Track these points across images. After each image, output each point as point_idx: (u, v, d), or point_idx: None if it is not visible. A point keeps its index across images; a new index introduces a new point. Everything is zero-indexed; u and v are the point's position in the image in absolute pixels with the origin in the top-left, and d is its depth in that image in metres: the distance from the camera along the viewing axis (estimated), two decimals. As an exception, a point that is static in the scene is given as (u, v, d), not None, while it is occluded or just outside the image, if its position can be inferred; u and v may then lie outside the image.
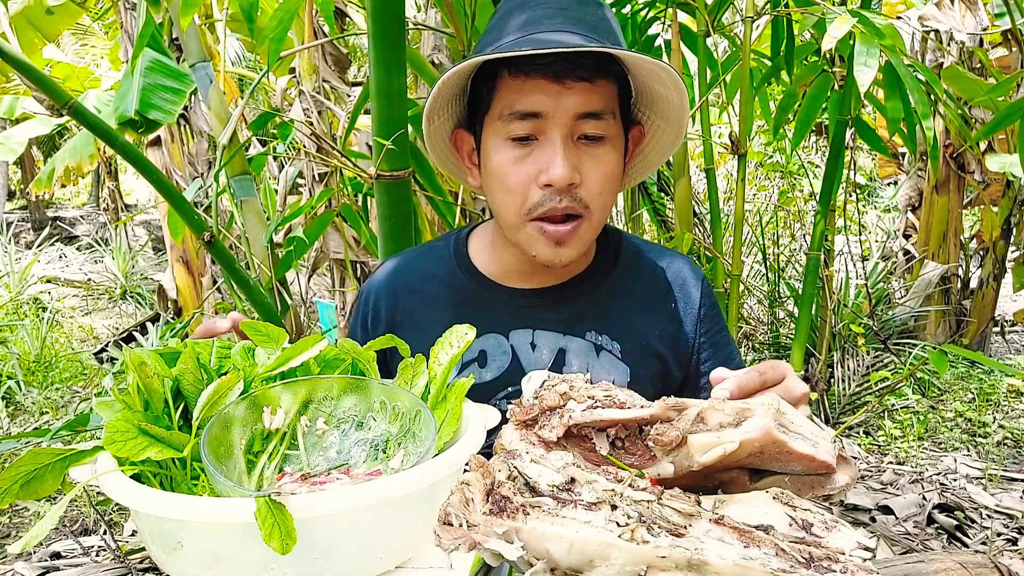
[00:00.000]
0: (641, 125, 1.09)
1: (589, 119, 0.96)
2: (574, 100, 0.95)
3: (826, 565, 0.53)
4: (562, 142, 0.95)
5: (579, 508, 0.57)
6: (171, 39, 2.85)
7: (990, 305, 4.23)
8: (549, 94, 0.94)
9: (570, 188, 0.96)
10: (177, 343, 0.89)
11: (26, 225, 9.36)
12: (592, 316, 1.10)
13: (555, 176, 0.94)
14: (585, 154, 0.98)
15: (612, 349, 1.09)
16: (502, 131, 0.98)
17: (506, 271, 1.13)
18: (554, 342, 1.09)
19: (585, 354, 1.09)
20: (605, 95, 0.97)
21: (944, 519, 2.42)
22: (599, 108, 0.97)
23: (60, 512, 0.66)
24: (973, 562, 0.98)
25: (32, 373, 4.29)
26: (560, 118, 0.95)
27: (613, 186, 1.02)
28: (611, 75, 0.98)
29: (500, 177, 1.00)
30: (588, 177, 0.98)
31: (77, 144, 5.61)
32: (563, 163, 0.94)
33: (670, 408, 0.65)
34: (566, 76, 0.94)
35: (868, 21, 1.82)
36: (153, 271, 7.14)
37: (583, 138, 0.98)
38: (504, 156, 0.99)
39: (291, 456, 0.82)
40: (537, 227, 0.99)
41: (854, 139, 3.64)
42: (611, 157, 1.00)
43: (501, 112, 0.98)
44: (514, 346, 1.10)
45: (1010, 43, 3.64)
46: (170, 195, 1.81)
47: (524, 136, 0.97)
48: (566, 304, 1.11)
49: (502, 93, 0.98)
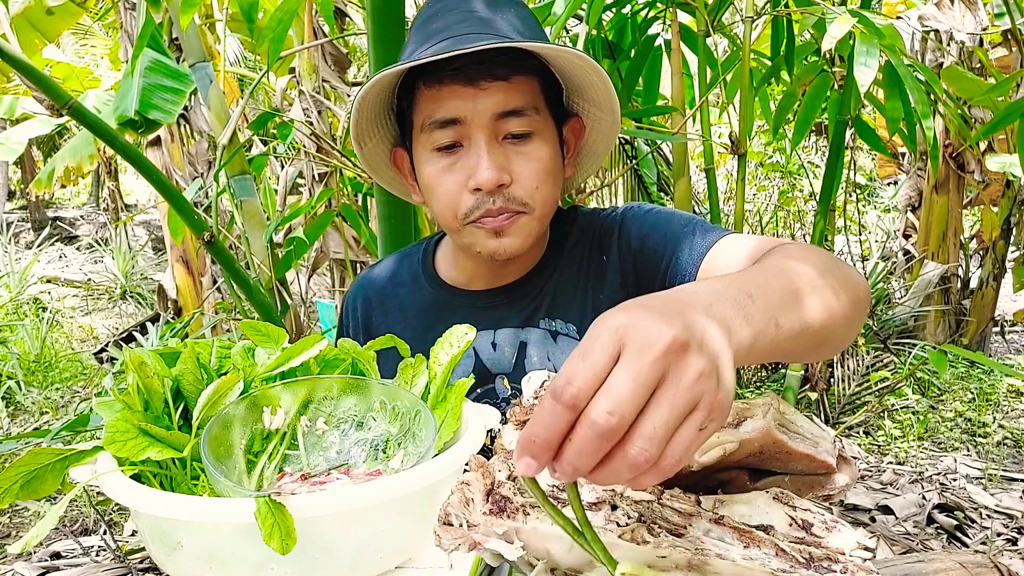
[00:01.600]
0: (578, 117, 1.08)
1: (511, 117, 0.96)
2: (492, 101, 0.94)
3: (826, 565, 0.53)
4: (486, 144, 0.95)
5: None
6: (171, 39, 2.84)
7: (990, 305, 4.23)
8: (465, 98, 0.94)
9: (500, 189, 0.96)
10: (177, 343, 0.89)
11: (26, 225, 9.36)
12: (546, 304, 1.10)
13: (482, 180, 0.94)
14: (513, 152, 0.97)
15: (568, 332, 1.08)
16: (427, 143, 0.99)
17: (468, 276, 1.13)
18: (514, 337, 1.10)
19: (543, 343, 1.09)
20: (524, 91, 0.97)
21: (944, 519, 2.42)
22: (519, 105, 0.96)
23: (60, 512, 0.66)
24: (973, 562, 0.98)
25: (32, 373, 4.29)
26: (480, 120, 0.95)
27: (551, 179, 1.00)
28: (528, 70, 0.98)
29: (432, 188, 1.00)
30: (519, 175, 0.97)
31: (77, 144, 5.61)
32: (489, 165, 0.94)
33: (670, 408, 0.65)
34: (479, 78, 0.94)
35: (868, 21, 1.82)
36: (153, 271, 7.14)
37: (509, 137, 0.97)
38: (433, 167, 0.99)
39: (291, 456, 0.82)
40: (475, 225, 0.99)
41: (854, 139, 3.65)
42: (542, 152, 0.98)
43: (423, 124, 0.98)
44: (476, 348, 1.10)
45: (1010, 43, 3.64)
46: (170, 195, 1.81)
47: (449, 144, 0.97)
48: (524, 299, 1.11)
49: (420, 105, 0.98)
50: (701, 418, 0.47)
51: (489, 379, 1.10)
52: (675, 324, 0.47)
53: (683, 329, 0.47)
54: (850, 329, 0.73)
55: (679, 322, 0.47)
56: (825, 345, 0.70)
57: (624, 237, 1.07)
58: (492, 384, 1.10)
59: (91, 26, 7.33)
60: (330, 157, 2.49)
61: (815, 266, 0.70)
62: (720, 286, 0.58)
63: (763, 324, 0.57)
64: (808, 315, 0.64)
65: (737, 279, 0.61)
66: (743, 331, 0.55)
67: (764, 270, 0.68)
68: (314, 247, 2.84)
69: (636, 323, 0.47)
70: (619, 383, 0.45)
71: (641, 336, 0.46)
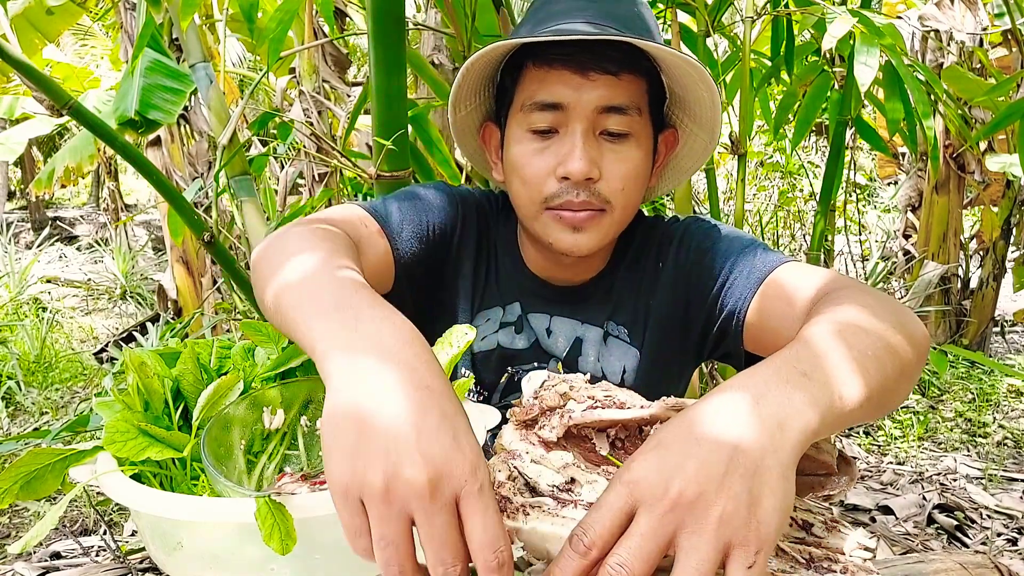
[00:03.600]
0: (675, 128, 1.06)
1: (612, 113, 0.94)
2: (597, 93, 0.92)
3: (826, 565, 0.53)
4: (582, 135, 0.93)
5: (579, 508, 0.57)
6: (171, 39, 2.84)
7: (990, 305, 4.23)
8: (571, 86, 0.92)
9: (588, 183, 0.94)
10: (177, 343, 0.89)
11: (26, 225, 9.36)
12: (608, 309, 1.09)
13: (572, 169, 0.92)
14: (607, 150, 0.95)
15: (619, 334, 1.08)
16: (524, 122, 0.97)
17: (535, 263, 1.11)
18: (571, 331, 1.09)
19: (597, 343, 1.08)
20: (630, 90, 0.95)
21: (944, 519, 2.42)
22: (623, 103, 0.94)
23: (60, 512, 0.66)
24: (973, 562, 0.98)
25: (32, 373, 4.29)
26: (582, 111, 0.93)
27: (637, 184, 0.98)
28: (639, 70, 0.96)
29: (519, 168, 0.98)
30: (608, 173, 0.95)
31: (77, 144, 5.60)
32: (582, 156, 0.92)
33: (670, 408, 0.65)
34: (590, 68, 0.92)
35: (868, 21, 1.82)
36: (153, 271, 7.13)
37: (606, 134, 0.95)
38: (524, 147, 0.97)
39: (291, 456, 0.82)
40: (554, 215, 0.97)
41: (854, 139, 3.64)
42: (635, 155, 0.97)
43: (523, 103, 0.96)
44: (534, 328, 1.09)
45: (1010, 43, 3.64)
46: (170, 195, 1.81)
47: (545, 129, 0.96)
48: (588, 301, 1.10)
49: (525, 83, 0.97)
50: (744, 555, 0.48)
51: (545, 358, 1.09)
52: (688, 469, 0.49)
53: (696, 472, 0.49)
54: (911, 383, 0.70)
55: (693, 466, 0.49)
56: (887, 406, 0.67)
57: (684, 248, 1.06)
58: (547, 364, 1.09)
59: (91, 26, 7.33)
60: (330, 157, 2.49)
61: (880, 321, 0.67)
62: (771, 371, 0.57)
63: (827, 402, 0.56)
64: (873, 382, 0.61)
65: (791, 356, 0.59)
66: (804, 416, 0.54)
67: (823, 337, 0.63)
68: (314, 247, 2.83)
69: (647, 477, 0.50)
70: (630, 537, 0.49)
71: (649, 492, 0.49)
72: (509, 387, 1.09)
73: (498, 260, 1.11)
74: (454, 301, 1.09)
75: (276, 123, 1.98)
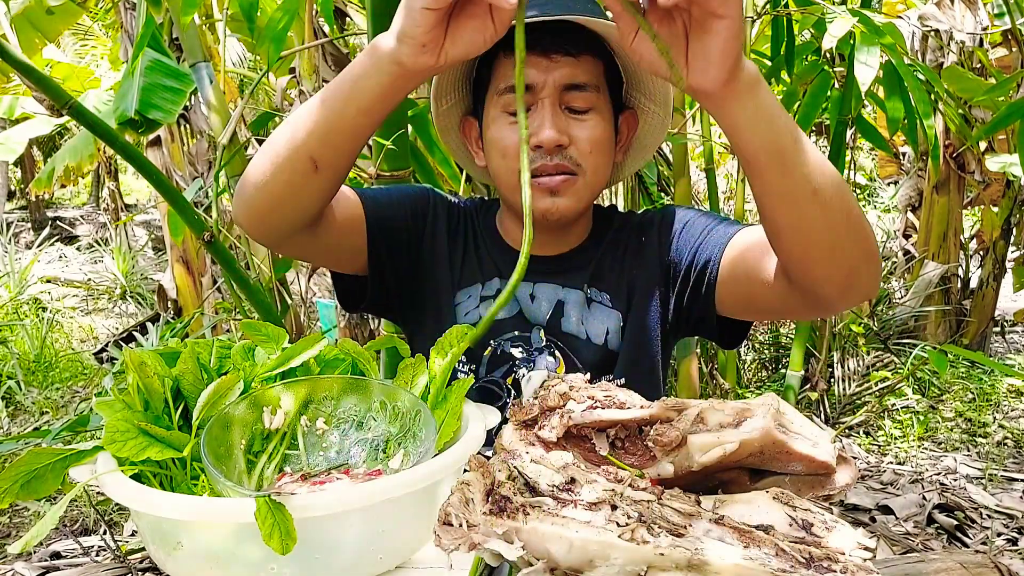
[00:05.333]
0: (633, 110, 1.17)
1: (575, 91, 1.05)
2: (560, 72, 1.04)
3: (826, 565, 0.53)
4: (551, 108, 1.05)
5: (579, 508, 0.57)
6: (171, 39, 2.84)
7: (990, 305, 4.23)
8: (539, 68, 1.04)
9: (559, 149, 1.05)
10: (177, 343, 0.89)
11: (26, 225, 9.36)
12: (588, 274, 1.19)
13: (544, 138, 1.04)
14: (573, 122, 1.07)
15: (602, 300, 1.17)
16: (499, 104, 1.09)
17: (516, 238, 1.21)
18: (552, 294, 1.18)
19: (579, 305, 1.17)
20: (589, 69, 1.07)
21: (944, 519, 2.42)
22: (584, 81, 1.06)
23: (60, 512, 0.66)
24: (973, 562, 0.98)
25: (32, 373, 4.29)
26: (548, 88, 1.04)
27: (604, 150, 1.10)
28: (596, 53, 1.08)
29: (497, 143, 1.09)
30: (577, 138, 1.06)
31: (77, 144, 5.60)
32: (551, 126, 1.04)
33: (670, 408, 0.65)
34: (552, 50, 1.04)
35: (868, 20, 1.82)
36: (153, 271, 7.13)
37: (571, 110, 1.07)
38: (501, 125, 1.09)
39: (291, 456, 0.82)
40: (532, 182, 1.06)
41: (854, 139, 3.64)
42: (599, 124, 1.08)
43: (498, 87, 1.09)
44: (516, 296, 1.18)
45: (1010, 43, 3.64)
46: (170, 195, 1.82)
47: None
48: (567, 268, 1.20)
49: (499, 71, 1.09)
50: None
51: (527, 327, 1.17)
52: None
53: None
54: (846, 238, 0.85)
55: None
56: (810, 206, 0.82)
57: (665, 223, 1.18)
58: (529, 333, 1.17)
59: (91, 26, 7.33)
60: (330, 157, 2.47)
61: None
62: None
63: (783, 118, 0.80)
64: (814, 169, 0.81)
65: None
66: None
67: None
68: (314, 247, 2.83)
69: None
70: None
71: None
72: (494, 359, 1.17)
73: (476, 241, 1.22)
74: (434, 283, 1.20)
75: (276, 123, 1.99)
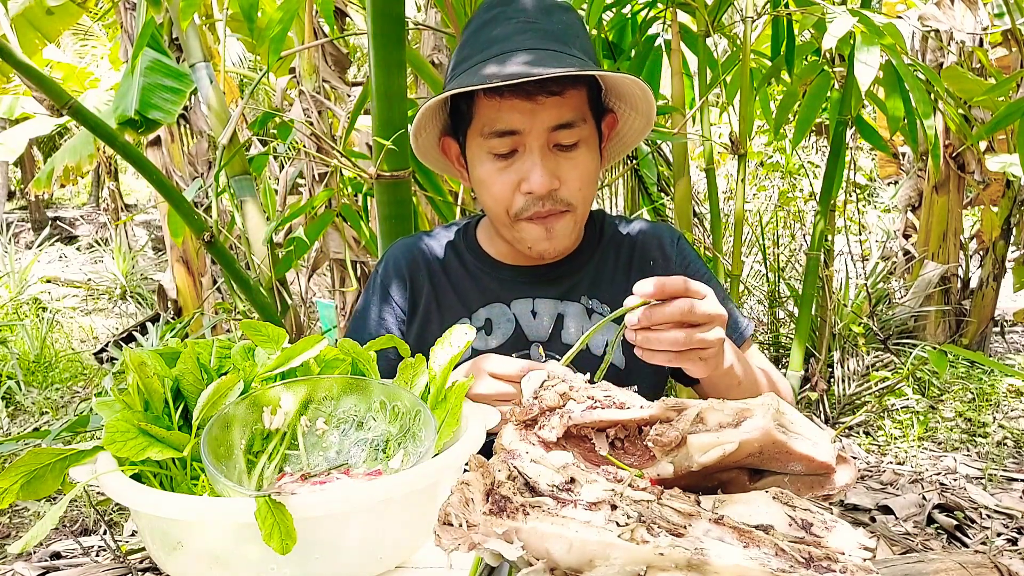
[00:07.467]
0: (614, 113, 1.17)
1: (563, 129, 1.04)
2: (547, 115, 1.03)
3: (826, 565, 0.53)
4: (539, 153, 1.04)
5: (579, 508, 0.57)
6: (171, 39, 2.85)
7: (990, 305, 4.23)
8: (524, 112, 1.02)
9: (550, 193, 1.06)
10: (177, 343, 0.88)
11: (26, 225, 9.36)
12: (584, 284, 1.20)
13: (535, 185, 1.04)
14: (563, 159, 1.06)
15: (602, 311, 1.18)
16: (484, 146, 1.07)
17: (506, 254, 1.22)
18: (552, 308, 1.19)
19: (580, 317, 1.18)
20: (575, 105, 1.05)
21: (944, 519, 2.42)
22: (571, 118, 1.05)
23: (60, 512, 0.66)
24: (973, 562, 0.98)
25: (32, 373, 4.29)
26: (536, 132, 1.03)
27: (592, 181, 1.11)
28: (580, 83, 1.06)
29: (486, 186, 1.09)
30: (567, 179, 1.07)
31: (77, 144, 5.60)
32: (542, 172, 1.04)
33: (669, 408, 0.65)
34: (537, 94, 1.01)
35: (868, 20, 1.82)
36: (153, 271, 7.13)
37: (559, 147, 1.06)
38: (488, 168, 1.08)
39: (291, 456, 0.82)
40: (525, 222, 1.09)
41: (854, 139, 3.64)
42: (587, 158, 1.08)
43: (482, 130, 1.06)
44: (516, 315, 1.19)
45: (1010, 43, 3.64)
46: (170, 195, 1.82)
47: (505, 152, 1.06)
48: (561, 278, 1.21)
49: (480, 112, 1.06)
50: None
51: (525, 345, 1.18)
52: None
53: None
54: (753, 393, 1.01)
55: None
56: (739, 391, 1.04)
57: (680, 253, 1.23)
58: (527, 350, 1.18)
59: (91, 26, 7.33)
60: (330, 157, 2.49)
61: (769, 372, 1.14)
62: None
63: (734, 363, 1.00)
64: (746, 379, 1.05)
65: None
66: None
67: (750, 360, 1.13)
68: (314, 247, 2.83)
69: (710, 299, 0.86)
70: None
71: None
72: None
73: (449, 280, 1.23)
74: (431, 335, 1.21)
75: (276, 123, 1.99)
